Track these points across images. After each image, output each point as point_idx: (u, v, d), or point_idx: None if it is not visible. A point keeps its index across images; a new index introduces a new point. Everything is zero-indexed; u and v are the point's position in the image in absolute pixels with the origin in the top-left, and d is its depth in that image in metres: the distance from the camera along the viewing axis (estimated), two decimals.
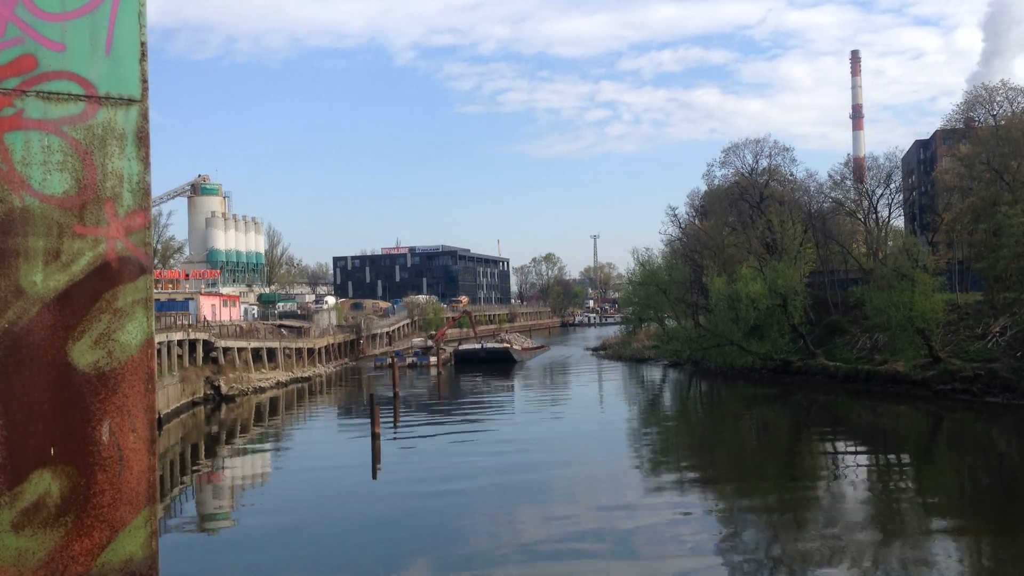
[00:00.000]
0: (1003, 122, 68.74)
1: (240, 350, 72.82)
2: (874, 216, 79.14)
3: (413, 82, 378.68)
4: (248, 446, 48.20)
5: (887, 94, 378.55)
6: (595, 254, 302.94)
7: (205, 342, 66.57)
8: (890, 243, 77.19)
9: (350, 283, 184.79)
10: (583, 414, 56.08)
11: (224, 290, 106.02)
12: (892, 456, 41.04)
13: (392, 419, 52.50)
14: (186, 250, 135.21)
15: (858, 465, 38.03)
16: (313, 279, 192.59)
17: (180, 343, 61.96)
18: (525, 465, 37.83)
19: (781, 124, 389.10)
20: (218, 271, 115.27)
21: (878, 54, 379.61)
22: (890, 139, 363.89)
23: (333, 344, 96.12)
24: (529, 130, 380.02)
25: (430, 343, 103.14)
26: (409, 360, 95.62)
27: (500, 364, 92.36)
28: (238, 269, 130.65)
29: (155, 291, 4.40)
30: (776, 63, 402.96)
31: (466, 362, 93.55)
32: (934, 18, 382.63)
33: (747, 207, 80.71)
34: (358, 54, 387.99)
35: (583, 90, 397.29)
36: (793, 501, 30.19)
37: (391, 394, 61.92)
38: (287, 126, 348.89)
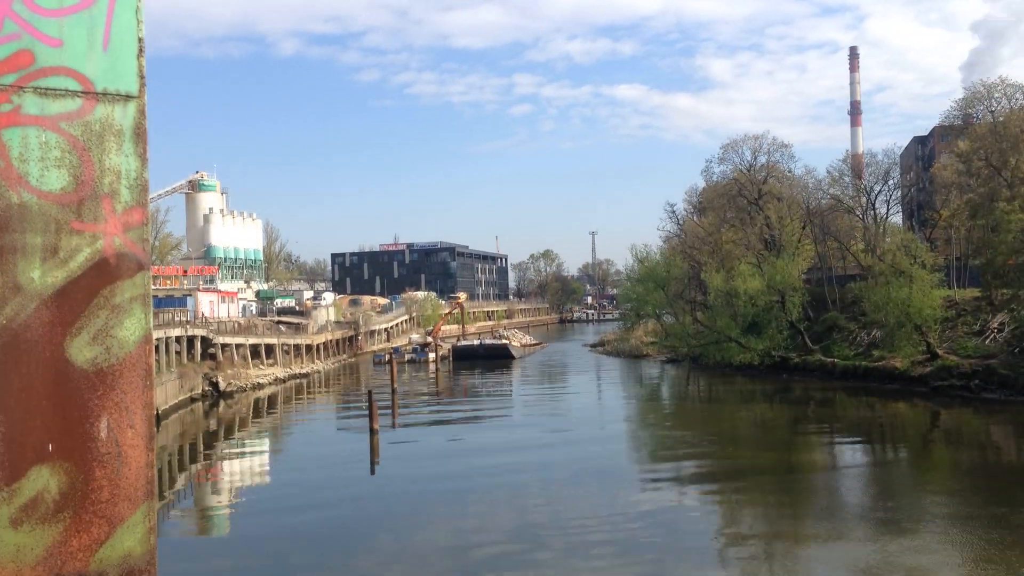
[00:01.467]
0: (1001, 118, 68.75)
1: (238, 346, 72.84)
2: (872, 212, 79.21)
3: (308, 74, 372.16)
4: (246, 442, 48.23)
5: (819, 88, 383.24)
6: (593, 250, 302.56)
7: (203, 338, 66.58)
8: (888, 239, 77.25)
9: (348, 279, 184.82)
10: (581, 410, 56.13)
11: (222, 286, 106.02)
12: (889, 452, 41.12)
13: (391, 415, 52.53)
14: (184, 246, 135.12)
15: (856, 463, 38.10)
16: (311, 275, 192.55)
17: (178, 339, 61.96)
18: (524, 462, 37.88)
19: (720, 120, 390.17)
20: (216, 267, 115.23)
21: (793, 48, 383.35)
22: (832, 135, 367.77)
23: (331, 340, 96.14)
24: (455, 124, 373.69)
25: (428, 339, 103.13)
26: (408, 356, 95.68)
27: (498, 360, 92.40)
28: (236, 265, 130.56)
29: (153, 287, 4.40)
30: (694, 58, 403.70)
31: (464, 358, 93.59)
32: (839, 7, 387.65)
33: (745, 203, 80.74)
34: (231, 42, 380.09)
35: (497, 83, 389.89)
36: (790, 498, 30.24)
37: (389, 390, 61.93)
38: (285, 123, 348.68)
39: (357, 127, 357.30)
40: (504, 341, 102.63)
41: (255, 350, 76.16)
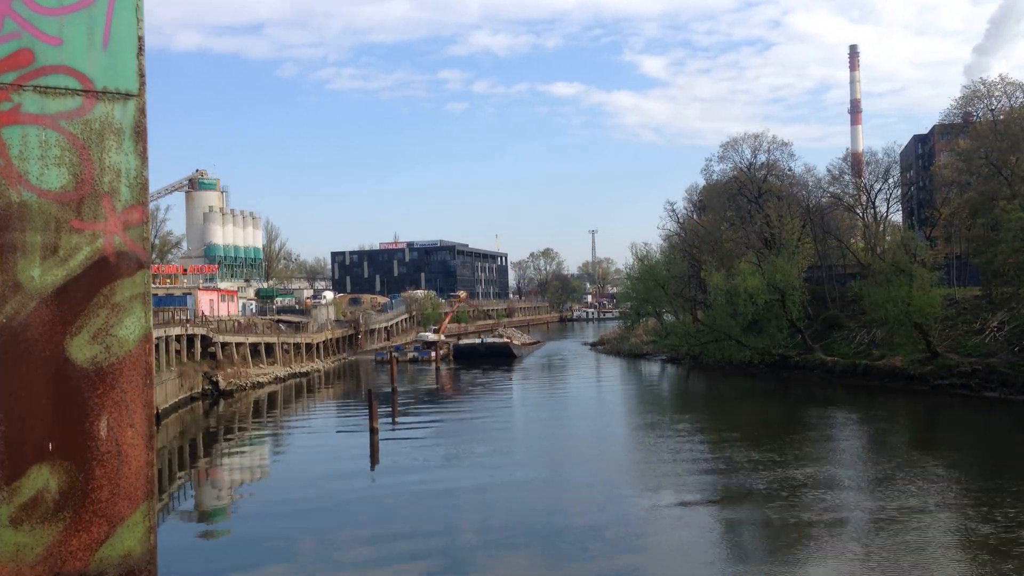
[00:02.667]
0: (1001, 117, 68.77)
1: (238, 345, 72.84)
2: (872, 211, 79.24)
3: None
4: (246, 441, 48.24)
5: (763, 87, 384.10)
6: (593, 249, 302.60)
7: (203, 337, 66.57)
8: (888, 238, 77.33)
9: (348, 278, 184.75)
10: (581, 408, 56.15)
11: (222, 285, 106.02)
12: (889, 451, 41.11)
13: (391, 414, 52.53)
14: (184, 245, 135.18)
15: (855, 462, 38.09)
16: (311, 274, 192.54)
17: (178, 338, 61.96)
18: (524, 461, 37.89)
19: (667, 118, 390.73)
20: (216, 266, 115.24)
21: (724, 45, 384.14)
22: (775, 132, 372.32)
23: (331, 339, 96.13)
24: (393, 124, 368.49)
25: (439, 336, 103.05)
26: (410, 355, 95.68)
27: (500, 359, 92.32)
28: (236, 264, 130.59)
29: (153, 286, 4.39)
30: (622, 54, 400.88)
31: (465, 357, 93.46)
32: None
33: (745, 202, 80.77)
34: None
35: (423, 79, 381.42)
36: (790, 497, 30.23)
37: (390, 389, 61.96)
38: (285, 121, 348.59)
39: (357, 127, 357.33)
40: (506, 340, 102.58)
41: (255, 349, 76.17)
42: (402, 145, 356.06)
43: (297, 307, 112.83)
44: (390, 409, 53.91)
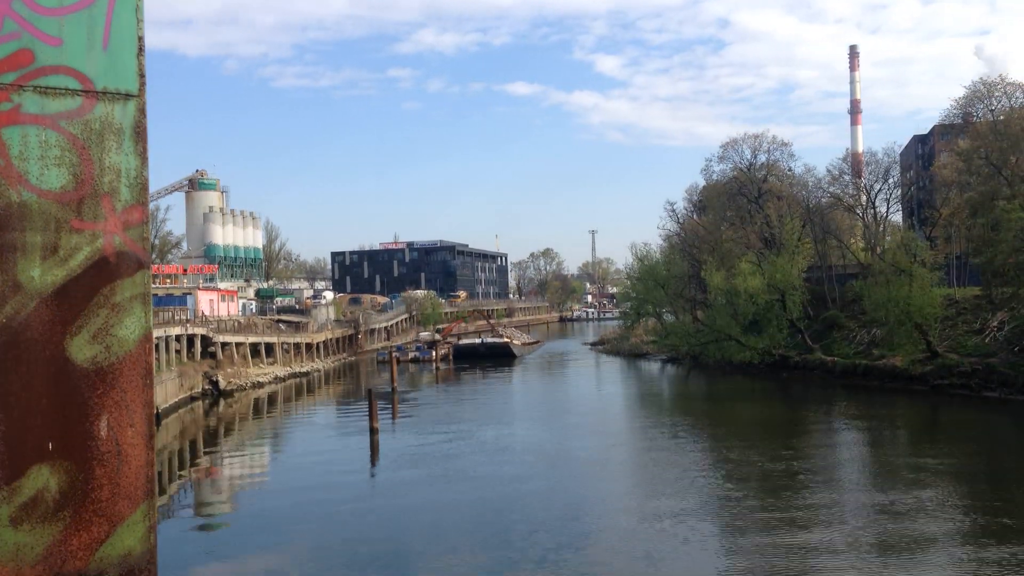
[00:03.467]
0: (1001, 117, 68.75)
1: (238, 345, 72.84)
2: (872, 211, 79.22)
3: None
4: (246, 441, 48.23)
5: (725, 87, 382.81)
6: (593, 249, 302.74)
7: (203, 337, 66.57)
8: (888, 238, 77.31)
9: (348, 278, 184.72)
10: (581, 408, 56.14)
11: (222, 285, 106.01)
12: (889, 450, 41.11)
13: (391, 414, 52.53)
14: (184, 245, 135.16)
15: (855, 461, 38.09)
16: (311, 274, 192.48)
17: (178, 338, 61.96)
18: (524, 461, 37.89)
19: (634, 118, 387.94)
20: (216, 266, 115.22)
21: (677, 44, 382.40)
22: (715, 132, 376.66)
23: (331, 339, 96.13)
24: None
25: (437, 337, 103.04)
26: (411, 355, 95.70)
27: (500, 359, 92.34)
28: (236, 264, 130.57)
29: (153, 286, 4.40)
30: (572, 52, 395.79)
31: (465, 357, 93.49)
32: None
33: (745, 202, 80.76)
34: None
35: (373, 77, 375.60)
36: (790, 496, 30.23)
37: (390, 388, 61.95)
38: (285, 121, 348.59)
39: (354, 126, 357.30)
40: (505, 340, 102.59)
41: (255, 349, 76.17)
42: (402, 145, 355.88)
43: (297, 307, 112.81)
44: (390, 409, 53.92)
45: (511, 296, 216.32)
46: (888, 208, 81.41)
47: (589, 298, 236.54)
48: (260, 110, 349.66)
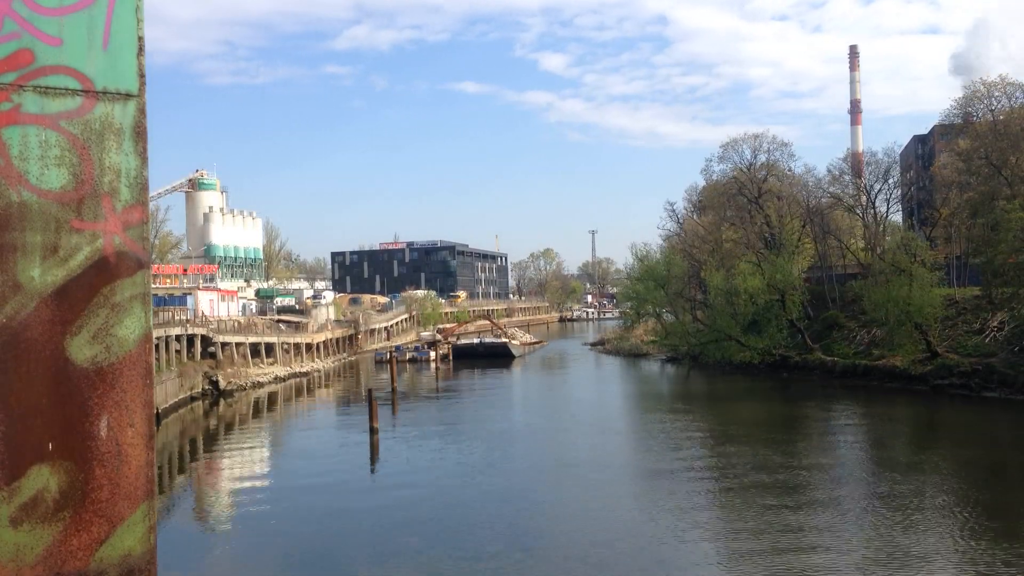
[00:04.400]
0: (1001, 117, 68.76)
1: (238, 345, 72.85)
2: (872, 211, 79.22)
3: None
4: (246, 441, 48.24)
5: (682, 86, 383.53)
6: (593, 249, 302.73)
7: (203, 337, 66.58)
8: (888, 238, 77.33)
9: (348, 278, 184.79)
10: (581, 408, 56.15)
11: (222, 285, 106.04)
12: (889, 450, 41.13)
13: (391, 414, 52.54)
14: (184, 245, 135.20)
15: (855, 461, 38.10)
16: (311, 274, 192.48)
17: (178, 338, 61.96)
18: (524, 460, 37.91)
19: (592, 117, 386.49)
20: (216, 266, 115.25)
21: (623, 43, 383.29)
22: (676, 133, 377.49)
23: (331, 339, 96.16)
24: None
25: (438, 337, 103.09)
26: (409, 355, 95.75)
27: (498, 359, 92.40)
28: (236, 264, 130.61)
29: (153, 286, 4.40)
30: (513, 50, 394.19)
31: (464, 357, 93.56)
32: None
33: (745, 202, 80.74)
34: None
35: (310, 74, 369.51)
36: (789, 496, 30.25)
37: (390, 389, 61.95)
38: (285, 121, 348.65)
39: (353, 125, 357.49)
40: (504, 340, 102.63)
41: (255, 349, 76.18)
42: (402, 145, 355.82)
43: (297, 307, 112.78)
44: (390, 408, 53.94)
45: (511, 296, 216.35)
46: (888, 208, 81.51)
47: (589, 298, 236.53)
48: (260, 110, 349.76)
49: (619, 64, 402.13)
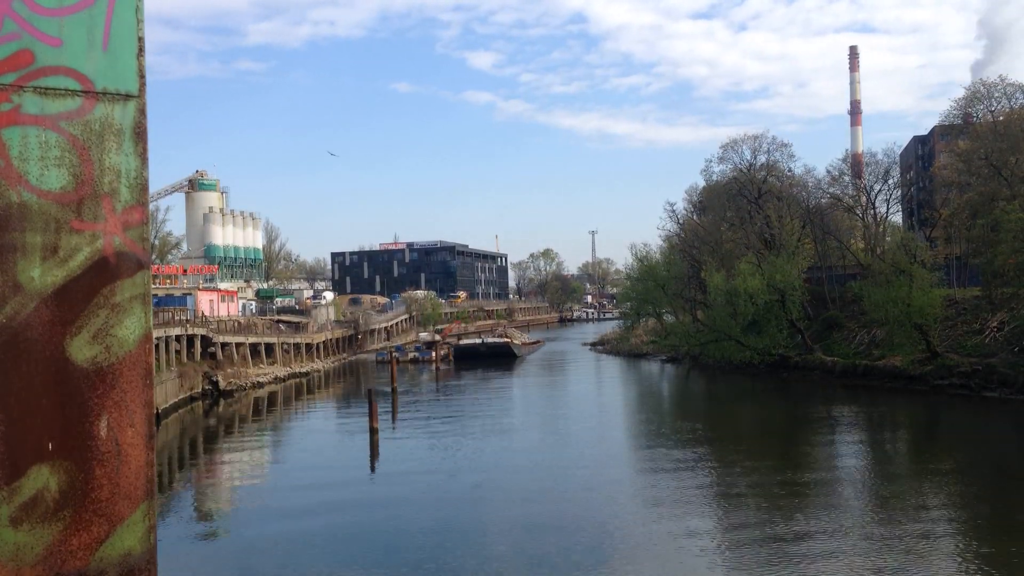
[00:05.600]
0: (1001, 118, 68.75)
1: (238, 345, 72.84)
2: (872, 212, 79.21)
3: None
4: (246, 441, 48.22)
5: (617, 86, 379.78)
6: (593, 250, 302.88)
7: (203, 337, 66.55)
8: (888, 238, 77.28)
9: (348, 278, 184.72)
10: (581, 408, 56.15)
11: (222, 285, 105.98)
12: (889, 450, 41.14)
13: (391, 414, 52.52)
14: (184, 245, 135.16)
15: (855, 461, 38.08)
16: (311, 274, 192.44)
17: (178, 338, 61.95)
18: (523, 460, 37.89)
19: (543, 119, 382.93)
20: (216, 266, 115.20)
21: (549, 40, 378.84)
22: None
23: (331, 339, 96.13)
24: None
25: (437, 337, 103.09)
26: (411, 355, 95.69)
27: (501, 359, 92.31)
28: (236, 264, 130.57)
29: (153, 287, 4.40)
30: (433, 47, 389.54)
31: (466, 357, 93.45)
32: None
33: (745, 203, 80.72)
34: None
35: (225, 69, 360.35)
36: (789, 496, 30.24)
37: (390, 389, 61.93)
38: (285, 121, 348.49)
39: (357, 127, 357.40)
40: (507, 340, 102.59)
41: (255, 349, 76.17)
42: (402, 144, 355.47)
43: (297, 307, 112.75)
44: (390, 409, 53.92)
45: (511, 296, 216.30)
46: (888, 209, 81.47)
47: (589, 298, 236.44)
48: (258, 109, 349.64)
49: (552, 63, 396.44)
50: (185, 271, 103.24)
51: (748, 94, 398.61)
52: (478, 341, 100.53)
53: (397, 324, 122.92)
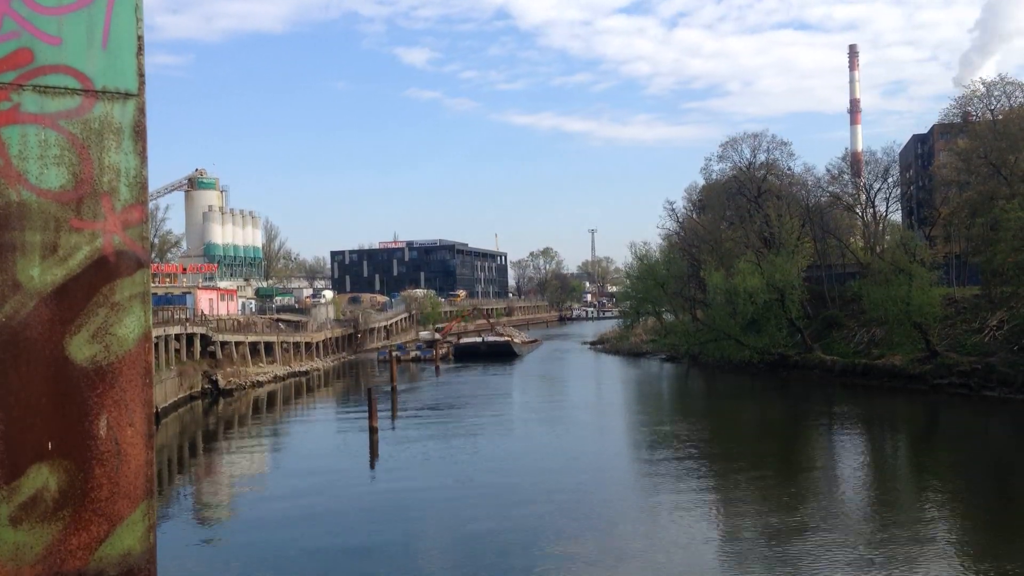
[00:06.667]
0: (1000, 117, 68.77)
1: (238, 344, 72.83)
2: (872, 210, 79.22)
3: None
4: (245, 441, 48.23)
5: (562, 84, 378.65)
6: (593, 248, 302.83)
7: (203, 336, 66.54)
8: (887, 237, 77.33)
9: (348, 277, 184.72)
10: (581, 407, 56.15)
11: (222, 284, 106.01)
12: (888, 450, 41.16)
13: (391, 413, 52.52)
14: (183, 244, 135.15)
15: (855, 461, 38.10)
16: (311, 273, 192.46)
17: (178, 337, 61.93)
18: (524, 460, 37.90)
19: (497, 117, 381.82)
20: (215, 265, 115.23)
21: (481, 36, 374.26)
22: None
23: (331, 338, 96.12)
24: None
25: (437, 336, 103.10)
26: (412, 354, 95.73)
27: (501, 357, 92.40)
28: (235, 263, 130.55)
29: (152, 285, 4.40)
30: (360, 43, 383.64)
31: (467, 356, 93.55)
32: None
33: (745, 201, 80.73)
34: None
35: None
36: (789, 496, 30.26)
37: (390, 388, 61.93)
38: (284, 120, 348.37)
39: (356, 126, 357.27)
40: (507, 338, 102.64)
41: (255, 348, 76.15)
42: (402, 144, 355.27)
43: (296, 306, 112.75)
44: (390, 408, 53.92)
45: (511, 295, 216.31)
46: (887, 207, 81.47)
47: (589, 297, 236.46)
48: (259, 110, 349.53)
49: (491, 60, 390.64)
50: (184, 270, 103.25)
51: (699, 92, 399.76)
52: (479, 340, 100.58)
53: (397, 323, 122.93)
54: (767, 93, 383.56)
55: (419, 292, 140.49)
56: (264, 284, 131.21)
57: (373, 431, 42.42)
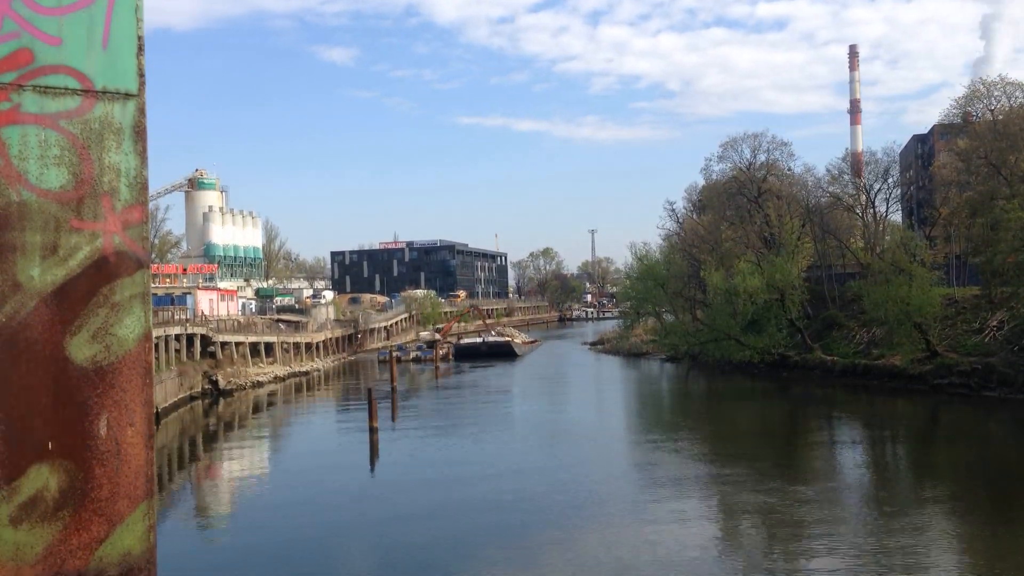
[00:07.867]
0: (1000, 117, 68.77)
1: (238, 344, 72.84)
2: (872, 211, 79.21)
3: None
4: (246, 441, 48.24)
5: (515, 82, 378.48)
6: (593, 249, 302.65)
7: (203, 336, 66.57)
8: (888, 237, 77.30)
9: (348, 277, 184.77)
10: (581, 407, 56.17)
11: (222, 284, 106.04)
12: (888, 450, 41.16)
13: (391, 413, 52.53)
14: (184, 244, 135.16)
15: (855, 461, 38.11)
16: (311, 273, 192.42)
17: (178, 337, 61.96)
18: (523, 460, 37.90)
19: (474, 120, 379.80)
20: (216, 265, 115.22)
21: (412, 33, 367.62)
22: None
23: (331, 338, 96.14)
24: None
25: (437, 336, 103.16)
26: (413, 354, 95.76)
27: (502, 358, 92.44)
28: (236, 263, 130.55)
29: (153, 286, 4.41)
30: (283, 39, 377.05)
31: (467, 356, 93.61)
32: None
33: (745, 201, 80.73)
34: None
35: None
36: (789, 496, 30.25)
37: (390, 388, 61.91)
38: (285, 120, 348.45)
39: (356, 126, 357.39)
40: (507, 338, 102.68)
41: (255, 348, 76.17)
42: (402, 144, 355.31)
43: (297, 307, 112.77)
44: (390, 408, 53.93)
45: (511, 296, 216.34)
46: (888, 208, 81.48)
47: (589, 297, 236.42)
48: (259, 110, 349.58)
49: (418, 59, 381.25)
50: (185, 270, 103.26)
51: (643, 92, 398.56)
52: (479, 340, 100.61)
53: (397, 323, 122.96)
54: (710, 92, 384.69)
55: (419, 292, 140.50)
56: (264, 284, 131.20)
57: (373, 431, 42.43)
